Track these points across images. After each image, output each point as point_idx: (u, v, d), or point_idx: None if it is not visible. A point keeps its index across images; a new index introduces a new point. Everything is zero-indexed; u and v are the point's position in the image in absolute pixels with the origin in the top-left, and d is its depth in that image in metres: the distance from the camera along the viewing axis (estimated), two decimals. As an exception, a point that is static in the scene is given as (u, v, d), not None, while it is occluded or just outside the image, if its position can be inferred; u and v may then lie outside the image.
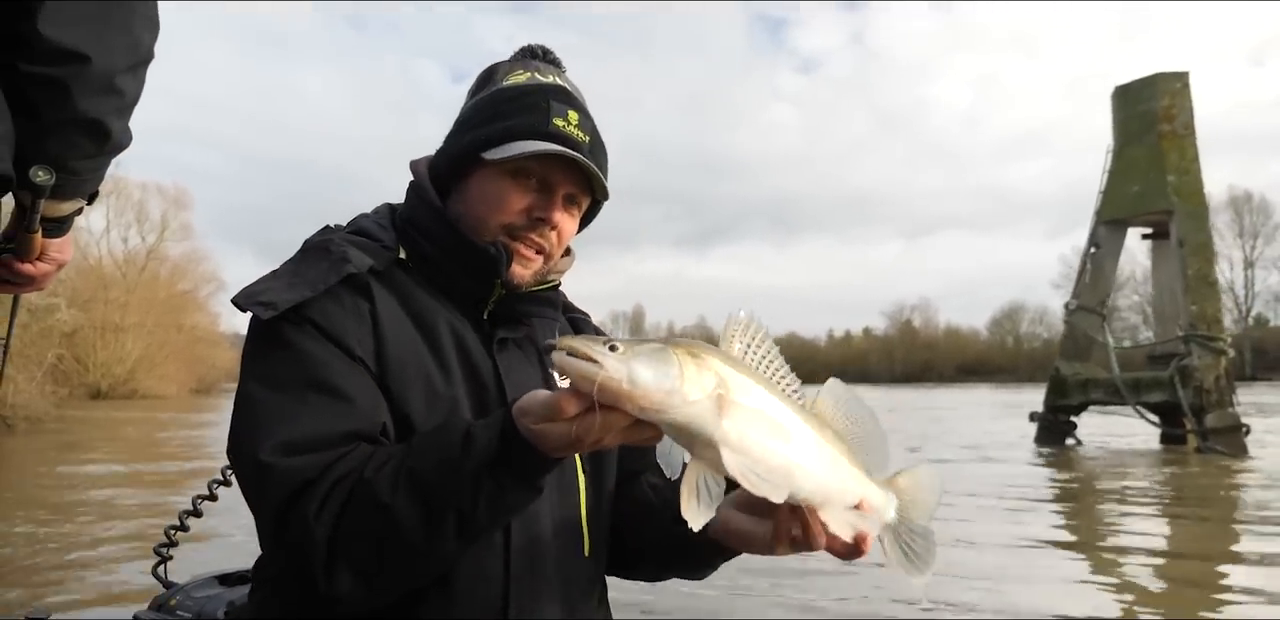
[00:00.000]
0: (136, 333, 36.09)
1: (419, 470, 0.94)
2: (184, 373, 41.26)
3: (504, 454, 0.91)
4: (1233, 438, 12.30)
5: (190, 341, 41.98)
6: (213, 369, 46.90)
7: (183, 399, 37.28)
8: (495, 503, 0.93)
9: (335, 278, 1.08)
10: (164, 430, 17.18)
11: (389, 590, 0.99)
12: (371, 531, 0.94)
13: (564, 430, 0.84)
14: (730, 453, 0.79)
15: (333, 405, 1.01)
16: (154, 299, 38.76)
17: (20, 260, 1.30)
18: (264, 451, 0.98)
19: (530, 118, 1.15)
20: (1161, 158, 13.60)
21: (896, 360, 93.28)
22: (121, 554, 5.55)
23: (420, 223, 1.20)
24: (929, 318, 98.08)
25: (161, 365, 38.13)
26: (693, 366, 0.80)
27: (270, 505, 0.98)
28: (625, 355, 0.79)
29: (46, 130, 1.16)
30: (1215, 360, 12.79)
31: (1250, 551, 5.65)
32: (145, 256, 40.86)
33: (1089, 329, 14.42)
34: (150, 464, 10.93)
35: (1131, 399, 13.33)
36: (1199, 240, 13.36)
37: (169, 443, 14.34)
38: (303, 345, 1.05)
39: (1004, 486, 8.65)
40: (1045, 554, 5.48)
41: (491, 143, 1.15)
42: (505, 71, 1.22)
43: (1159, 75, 14.00)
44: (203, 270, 45.31)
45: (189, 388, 42.23)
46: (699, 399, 0.79)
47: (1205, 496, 8.42)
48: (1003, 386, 57.68)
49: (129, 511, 7.22)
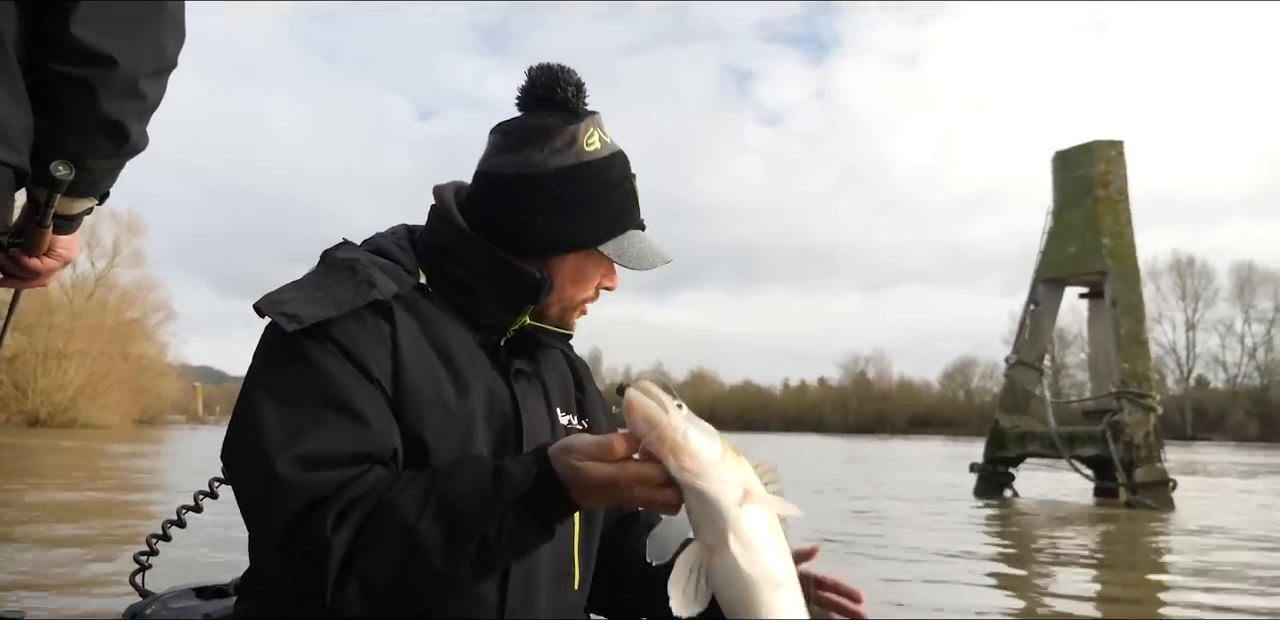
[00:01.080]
0: (80, 360, 35.28)
1: (449, 497, 0.96)
2: (127, 403, 40.31)
3: (536, 491, 0.93)
4: (1160, 492, 12.68)
5: (136, 371, 41.08)
6: (158, 399, 45.94)
7: (125, 429, 36.34)
8: (515, 538, 0.95)
9: (362, 301, 1.09)
10: (106, 460, 16.78)
11: (394, 611, 0.99)
12: (391, 551, 0.95)
13: (605, 472, 0.88)
14: (735, 541, 0.82)
15: (349, 425, 1.02)
16: (100, 326, 37.97)
17: (28, 255, 1.32)
18: (280, 463, 0.98)
19: (629, 203, 1.24)
20: (1097, 221, 14.22)
21: (850, 411, 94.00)
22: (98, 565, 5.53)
23: (449, 246, 1.21)
24: (883, 370, 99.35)
25: (104, 394, 37.23)
26: (734, 456, 0.86)
27: (282, 517, 0.97)
28: (688, 416, 0.85)
29: (68, 129, 1.17)
30: (1145, 417, 13.23)
31: (1172, 601, 5.89)
32: (94, 282, 40.11)
33: (1027, 383, 14.85)
34: (101, 491, 10.73)
35: (1066, 452, 13.71)
36: (1131, 301, 13.91)
37: (112, 472, 14.03)
38: (322, 362, 1.05)
39: (941, 534, 8.86)
40: (973, 592, 5.65)
41: (607, 237, 1.21)
42: (580, 133, 1.20)
43: (1095, 142, 14.71)
44: (153, 298, 44.51)
45: (132, 418, 41.21)
46: (731, 481, 0.83)
47: (1130, 547, 8.70)
48: (954, 439, 58.40)
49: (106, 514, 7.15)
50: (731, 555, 0.82)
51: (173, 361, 48.50)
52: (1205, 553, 7.92)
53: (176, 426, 44.85)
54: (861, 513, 10.94)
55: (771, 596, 0.83)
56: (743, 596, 0.83)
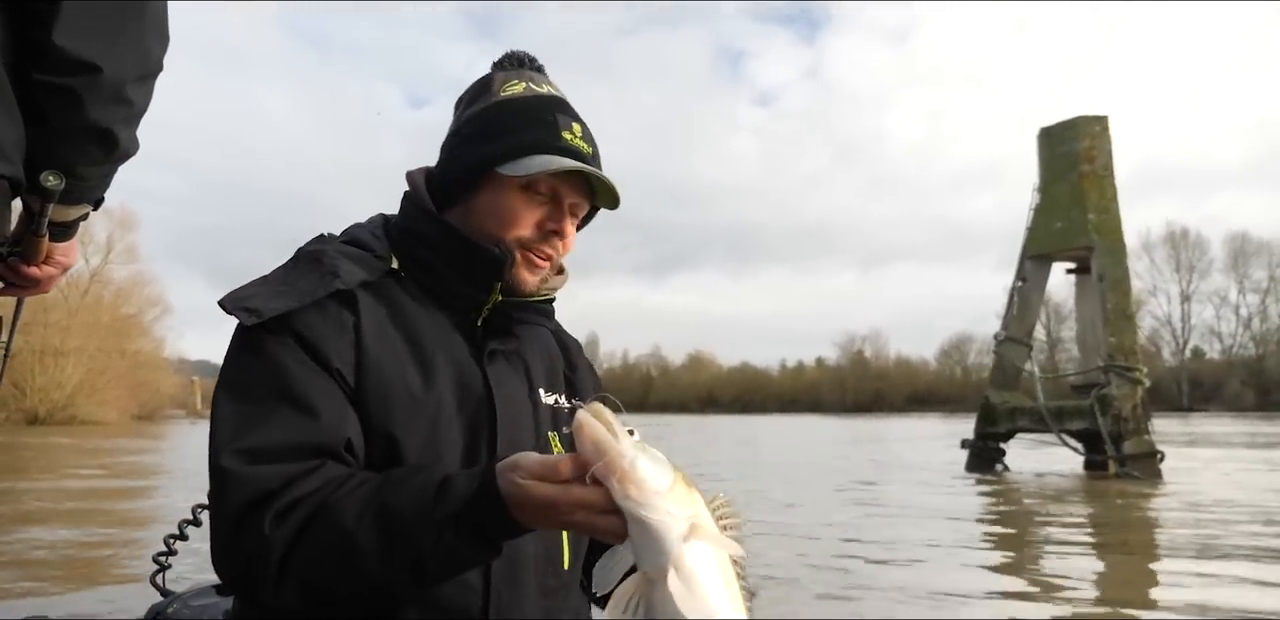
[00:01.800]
0: (77, 357, 35.38)
1: (389, 505, 0.94)
2: (126, 398, 40.43)
3: (475, 508, 0.91)
4: (1148, 464, 12.85)
5: (133, 366, 41.18)
6: (156, 395, 46.02)
7: (124, 425, 36.48)
8: (452, 554, 0.92)
9: (324, 291, 1.09)
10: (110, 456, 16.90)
11: (333, 612, 0.99)
12: (328, 554, 0.94)
13: (547, 493, 0.85)
14: (675, 577, 0.79)
15: (297, 418, 1.02)
16: (96, 323, 38.05)
17: (26, 263, 1.33)
18: (224, 457, 0.99)
19: (541, 132, 1.17)
20: (1082, 196, 14.29)
21: (848, 390, 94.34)
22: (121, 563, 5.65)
23: (419, 231, 1.20)
24: (879, 348, 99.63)
25: (102, 391, 37.36)
26: (684, 487, 0.83)
27: (228, 511, 0.97)
28: (639, 444, 0.83)
29: (57, 137, 1.18)
30: (1132, 390, 13.37)
31: (1161, 570, 6.02)
32: (89, 279, 40.12)
33: (1016, 359, 14.98)
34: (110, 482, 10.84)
35: (1055, 426, 13.86)
36: (1117, 275, 14.02)
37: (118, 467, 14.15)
38: (279, 356, 1.05)
39: (934, 509, 8.99)
40: (968, 571, 5.77)
41: (506, 157, 1.16)
42: (501, 82, 1.23)
43: (1080, 118, 14.75)
44: (148, 293, 44.59)
45: (130, 414, 41.33)
46: (678, 514, 0.80)
47: (1124, 519, 8.84)
48: (951, 416, 58.70)
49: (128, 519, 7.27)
50: (669, 591, 0.78)
51: (170, 356, 48.65)
52: (1199, 526, 8.04)
53: (176, 421, 44.94)
54: (858, 488, 11.08)
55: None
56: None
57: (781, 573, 5.48)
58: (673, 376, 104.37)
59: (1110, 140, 14.64)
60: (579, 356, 1.41)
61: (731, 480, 12.23)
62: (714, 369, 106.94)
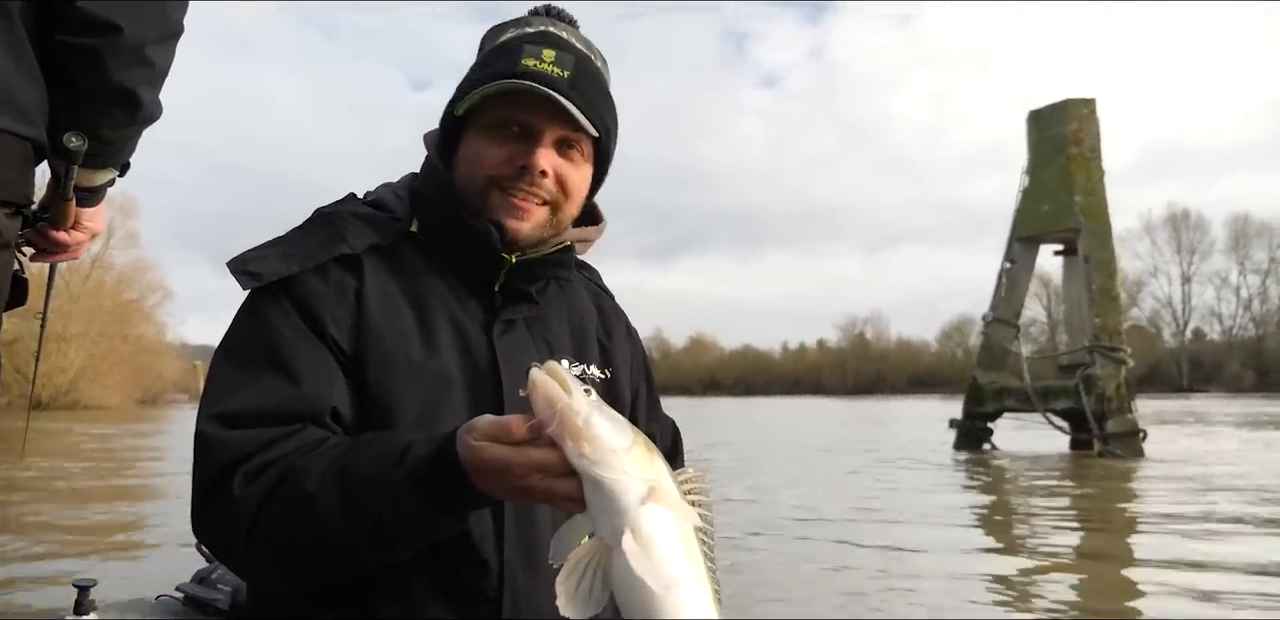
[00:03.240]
0: (79, 342, 35.62)
1: (350, 468, 0.91)
2: (129, 383, 40.78)
3: (432, 471, 0.87)
4: (1130, 442, 13.05)
5: (135, 351, 41.49)
6: (159, 379, 46.39)
7: (127, 409, 36.83)
8: (411, 521, 0.90)
9: (327, 255, 1.07)
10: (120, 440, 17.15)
11: (302, 578, 0.98)
12: (293, 517, 0.92)
13: (500, 454, 0.81)
14: (631, 540, 0.75)
15: (280, 384, 1.00)
16: (98, 308, 38.27)
17: (54, 228, 1.33)
18: (203, 421, 0.99)
19: (497, 66, 1.10)
20: (1070, 179, 14.39)
21: (849, 372, 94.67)
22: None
23: (429, 197, 1.17)
24: (881, 330, 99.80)
25: (105, 375, 37.67)
26: (644, 450, 0.80)
27: (203, 474, 0.97)
28: (595, 402, 0.79)
29: (80, 99, 1.17)
30: (1116, 370, 13.55)
31: (1135, 544, 6.23)
32: (90, 265, 40.26)
33: (1004, 340, 15.14)
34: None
35: (1041, 406, 14.05)
36: (1103, 257, 14.14)
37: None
38: (273, 321, 1.04)
39: (924, 488, 9.20)
40: (956, 552, 5.94)
41: (460, 98, 1.12)
42: (495, 34, 1.19)
43: (1069, 101, 14.82)
44: (149, 279, 44.75)
45: (134, 399, 41.70)
46: (635, 475, 0.77)
47: (1104, 497, 9.04)
48: (951, 397, 58.94)
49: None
50: (625, 555, 0.75)
51: (172, 341, 48.93)
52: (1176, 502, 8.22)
53: (179, 405, 45.30)
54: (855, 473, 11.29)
55: (666, 600, 0.76)
56: (638, 598, 0.76)
57: (761, 541, 5.68)
58: (674, 359, 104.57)
59: (1098, 123, 14.72)
60: (617, 322, 1.34)
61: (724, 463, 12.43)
62: (716, 352, 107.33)
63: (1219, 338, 79.46)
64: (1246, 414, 29.01)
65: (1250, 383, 72.15)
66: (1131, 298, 77.43)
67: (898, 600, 4.24)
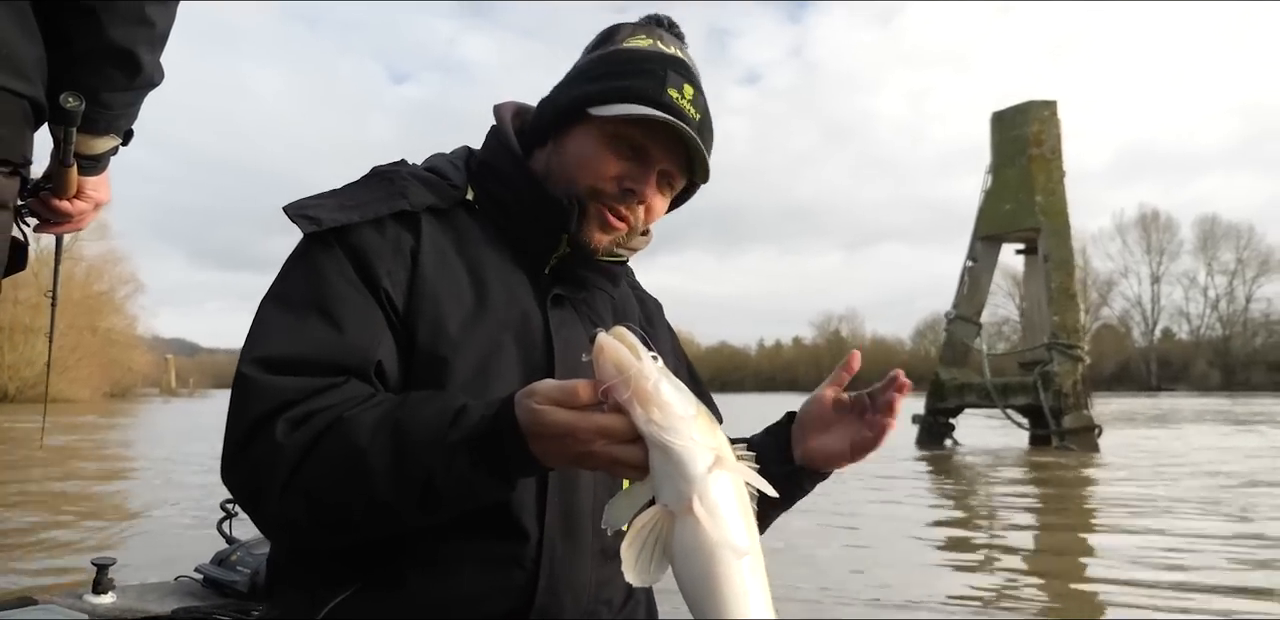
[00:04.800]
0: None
1: (404, 425, 0.89)
2: (98, 376, 40.37)
3: (489, 434, 0.86)
4: (1086, 437, 13.36)
5: (105, 344, 41.09)
6: (129, 372, 45.92)
7: (96, 403, 36.48)
8: (462, 483, 0.87)
9: (386, 210, 1.06)
10: (68, 431, 17.05)
11: (331, 533, 0.95)
12: (337, 469, 0.90)
13: (564, 418, 0.80)
14: (700, 507, 0.75)
15: (327, 332, 0.98)
16: (67, 300, 37.76)
17: (57, 197, 1.28)
18: (245, 363, 0.97)
19: (645, 82, 1.10)
20: (1031, 179, 14.67)
21: (824, 369, 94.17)
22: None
23: (498, 167, 1.16)
24: (856, 327, 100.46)
25: (74, 368, 37.25)
26: (706, 419, 0.79)
27: (242, 418, 0.94)
28: (662, 368, 0.79)
29: (77, 60, 1.14)
30: (1073, 366, 13.85)
31: (1081, 526, 6.42)
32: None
33: (965, 337, 15.42)
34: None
35: (1000, 402, 14.33)
36: (1062, 256, 14.44)
37: (71, 442, 14.34)
38: (324, 268, 1.02)
39: (885, 480, 9.39)
40: (915, 541, 6.05)
41: (600, 99, 1.10)
42: (628, 33, 1.18)
43: (1030, 103, 15.10)
44: (120, 271, 44.30)
45: (103, 392, 41.29)
46: (702, 443, 0.76)
47: (1062, 488, 9.30)
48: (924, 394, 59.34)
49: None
50: (695, 520, 0.74)
51: (143, 334, 48.51)
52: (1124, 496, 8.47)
53: (149, 399, 44.94)
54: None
55: (732, 567, 0.75)
56: (702, 566, 0.75)
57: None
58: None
59: (1059, 124, 15.02)
60: (658, 316, 1.36)
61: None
62: (691, 348, 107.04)
63: (1187, 337, 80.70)
64: (1202, 412, 29.58)
65: (1216, 382, 73.40)
66: (1102, 297, 78.57)
67: (858, 583, 4.40)
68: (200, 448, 12.21)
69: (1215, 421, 22.63)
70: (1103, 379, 72.24)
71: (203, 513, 6.16)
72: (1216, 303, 78.99)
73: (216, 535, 2.15)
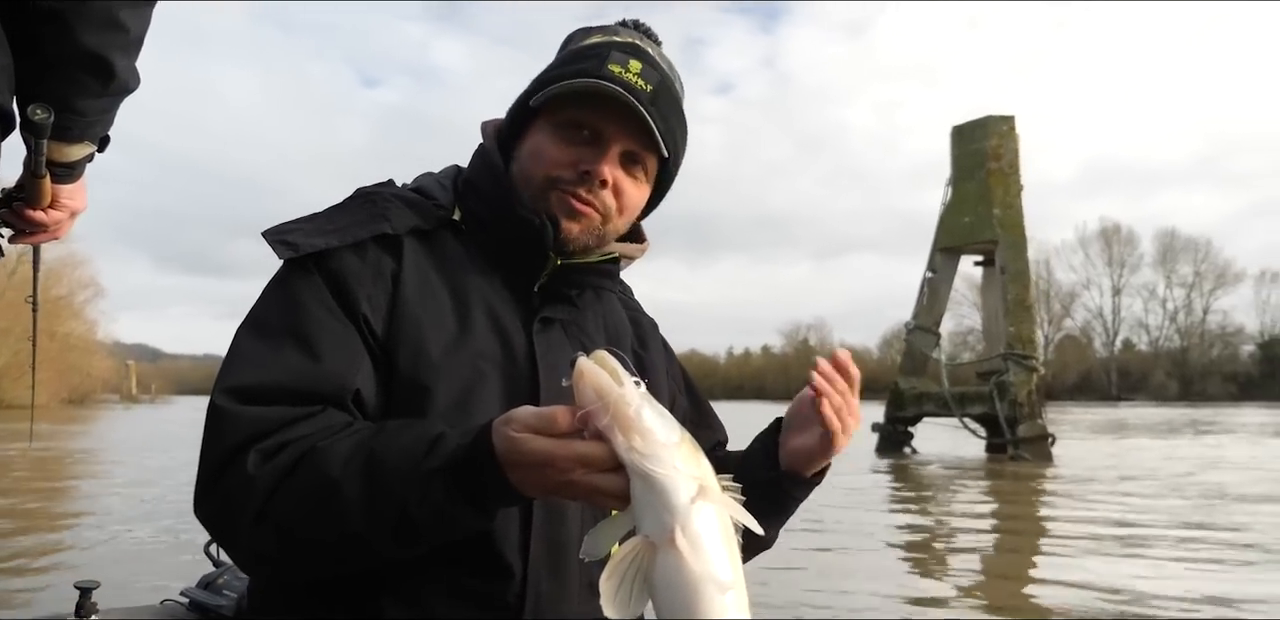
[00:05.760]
0: (3, 339, 34.61)
1: (378, 454, 0.87)
2: (55, 382, 39.57)
3: (466, 463, 0.83)
4: (1040, 446, 13.60)
5: (63, 349, 40.33)
6: (88, 378, 45.13)
7: (54, 410, 35.82)
8: (437, 513, 0.85)
9: (366, 233, 1.04)
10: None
11: (306, 567, 0.93)
12: (309, 500, 0.87)
13: (544, 447, 0.78)
14: (682, 539, 0.72)
15: (303, 361, 0.96)
16: (24, 304, 37.10)
17: (31, 207, 1.25)
18: (218, 394, 0.94)
19: (584, 65, 1.07)
20: (989, 192, 14.95)
21: (792, 378, 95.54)
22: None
23: (480, 186, 1.13)
24: (824, 337, 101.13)
25: (30, 374, 36.53)
26: (690, 447, 0.77)
27: (214, 450, 0.92)
28: (645, 394, 0.76)
29: (48, 67, 1.11)
30: (1028, 377, 14.10)
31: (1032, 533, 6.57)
32: (15, 259, 39.05)
33: (924, 347, 15.65)
34: None
35: (958, 411, 14.57)
36: (1018, 268, 14.72)
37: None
38: (301, 295, 1.00)
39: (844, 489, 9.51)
40: (870, 549, 6.19)
41: (538, 90, 1.09)
42: (583, 36, 1.16)
43: (989, 118, 15.40)
44: (79, 275, 43.54)
45: (60, 398, 40.55)
46: (685, 472, 0.74)
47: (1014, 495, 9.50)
48: (888, 404, 59.87)
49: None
50: (677, 553, 0.72)
51: (103, 339, 47.75)
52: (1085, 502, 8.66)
53: (109, 406, 44.19)
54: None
55: (715, 602, 0.72)
56: (683, 600, 0.72)
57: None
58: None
59: (1017, 139, 15.31)
60: (652, 335, 1.32)
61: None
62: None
63: (1146, 348, 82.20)
64: (1157, 422, 30.18)
65: (1174, 392, 74.75)
66: (1065, 308, 79.87)
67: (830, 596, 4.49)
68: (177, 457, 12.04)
69: (1166, 433, 23.07)
70: (1065, 389, 73.42)
71: (184, 528, 6.06)
72: (1175, 315, 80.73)
73: (203, 558, 2.14)
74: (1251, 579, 4.82)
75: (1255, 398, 67.83)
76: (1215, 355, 77.87)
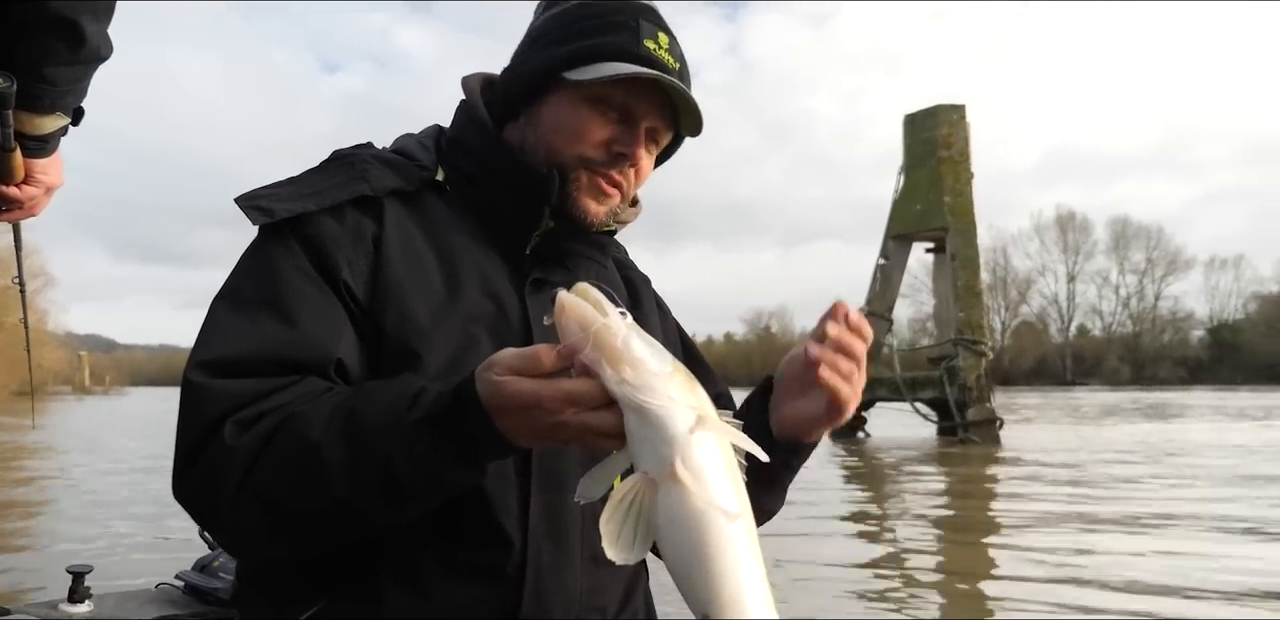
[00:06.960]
0: (-48, 329, 33.77)
1: (358, 412, 0.82)
2: (4, 373, 38.70)
3: (450, 412, 0.79)
4: (988, 430, 13.92)
5: (12, 340, 39.37)
6: (38, 369, 44.09)
7: (2, 401, 35.06)
8: (425, 468, 0.80)
9: (345, 196, 0.99)
10: None
11: (294, 540, 0.88)
12: (291, 466, 0.83)
13: (529, 388, 0.73)
14: (683, 470, 0.68)
15: (280, 329, 0.91)
16: (-24, 292, 36.28)
17: (2, 183, 1.20)
18: (191, 369, 0.90)
19: (619, 37, 1.02)
20: (940, 180, 15.20)
21: (754, 365, 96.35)
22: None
23: (468, 142, 1.09)
24: (785, 324, 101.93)
25: (-23, 365, 35.72)
26: (684, 376, 0.72)
27: (189, 426, 0.88)
28: (631, 323, 0.71)
29: (15, 32, 1.06)
30: (977, 361, 14.40)
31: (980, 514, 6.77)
32: (-35, 247, 38.09)
33: (877, 333, 15.88)
34: None
35: (909, 396, 14.85)
36: (968, 255, 14.99)
37: None
38: (279, 262, 0.95)
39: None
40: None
41: (575, 62, 1.02)
42: None
43: (940, 107, 15.62)
44: (30, 264, 42.38)
45: (9, 390, 39.65)
46: (681, 402, 0.69)
47: (962, 475, 9.73)
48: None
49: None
50: (680, 486, 0.67)
51: (54, 330, 46.75)
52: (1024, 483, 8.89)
53: (61, 397, 43.37)
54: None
55: (723, 533, 0.68)
56: (690, 534, 0.68)
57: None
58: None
59: (967, 128, 15.56)
60: (646, 295, 1.27)
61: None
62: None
63: (1100, 334, 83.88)
64: (1104, 405, 30.94)
65: (1127, 376, 76.49)
66: (1021, 295, 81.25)
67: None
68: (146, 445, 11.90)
69: (1107, 416, 23.65)
70: (1021, 374, 74.79)
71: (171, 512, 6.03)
72: (1128, 301, 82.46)
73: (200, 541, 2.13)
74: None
75: (1204, 381, 69.81)
76: (1166, 340, 79.74)
